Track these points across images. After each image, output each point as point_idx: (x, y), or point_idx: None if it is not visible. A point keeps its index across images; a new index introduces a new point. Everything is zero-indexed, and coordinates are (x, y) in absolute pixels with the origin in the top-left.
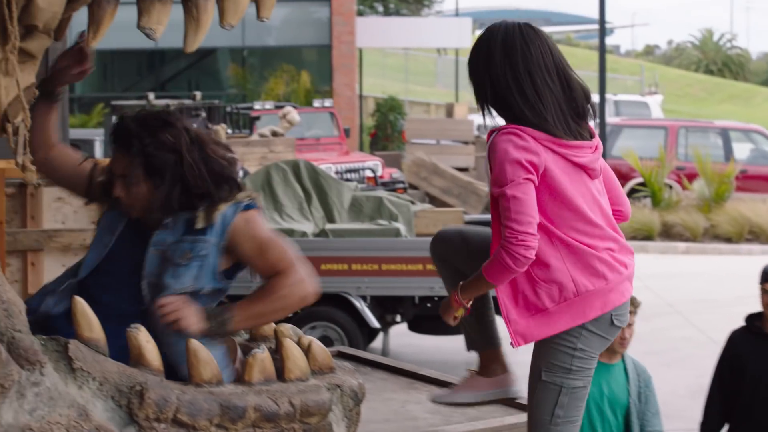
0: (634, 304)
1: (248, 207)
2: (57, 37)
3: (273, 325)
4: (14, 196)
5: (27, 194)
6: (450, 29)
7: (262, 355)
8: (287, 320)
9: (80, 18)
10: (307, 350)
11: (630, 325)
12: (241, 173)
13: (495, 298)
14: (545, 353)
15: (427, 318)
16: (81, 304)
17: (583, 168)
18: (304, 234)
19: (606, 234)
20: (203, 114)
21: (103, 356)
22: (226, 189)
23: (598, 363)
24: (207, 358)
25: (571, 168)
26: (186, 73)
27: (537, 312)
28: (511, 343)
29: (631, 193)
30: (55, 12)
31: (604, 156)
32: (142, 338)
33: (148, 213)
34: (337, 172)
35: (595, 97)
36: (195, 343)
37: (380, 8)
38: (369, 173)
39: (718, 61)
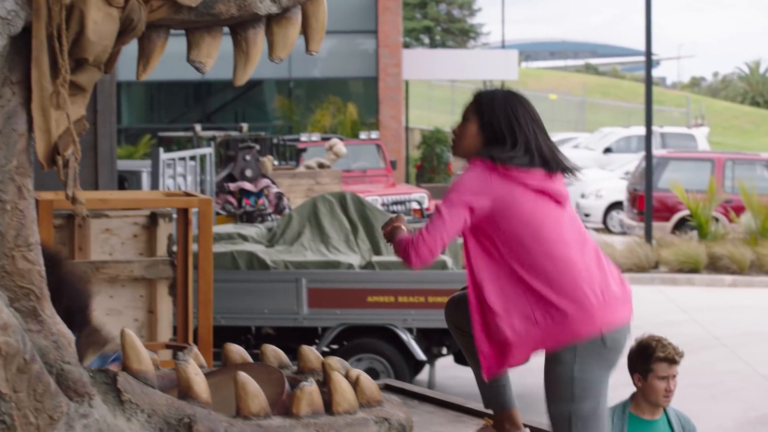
0: (678, 353)
1: (115, 360)
2: (107, 70)
3: (321, 357)
4: (62, 228)
5: (75, 226)
6: (496, 61)
7: (310, 388)
8: (334, 352)
9: (130, 50)
10: (355, 383)
11: (674, 376)
12: (287, 209)
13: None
14: (548, 387)
15: None
16: (130, 336)
17: (545, 193)
18: (350, 266)
19: (578, 255)
20: (256, 147)
21: (151, 388)
22: (79, 319)
23: (641, 421)
24: (255, 390)
25: (532, 194)
26: (232, 104)
27: (503, 344)
28: (483, 375)
29: (677, 225)
30: (105, 45)
31: (650, 188)
32: (191, 371)
33: None
34: (383, 204)
35: (642, 130)
36: (243, 376)
37: (426, 40)
38: (415, 205)
39: (764, 92)
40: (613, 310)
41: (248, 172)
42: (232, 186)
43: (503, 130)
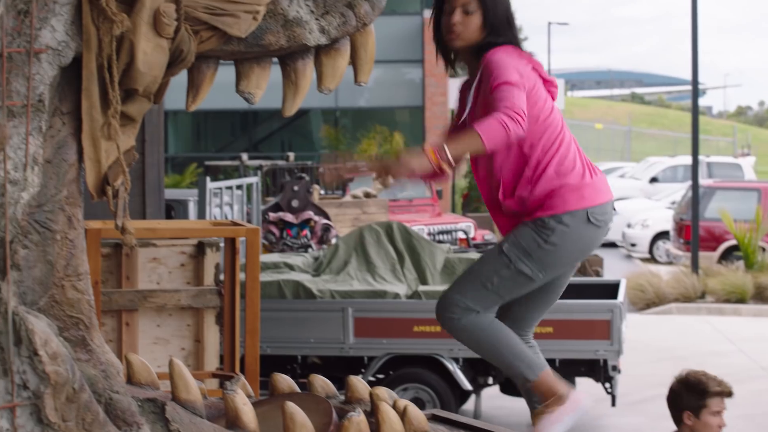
0: (729, 386)
1: None
2: (156, 101)
3: (368, 387)
4: (110, 257)
5: (122, 254)
6: None
7: (357, 418)
8: (379, 381)
9: (176, 78)
10: (402, 413)
11: (722, 411)
12: (334, 239)
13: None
14: (518, 232)
15: None
16: (178, 365)
17: (548, 83)
18: (396, 295)
19: (572, 142)
20: (306, 178)
21: (199, 418)
22: None
23: None
24: (303, 420)
25: (542, 82)
26: (279, 133)
27: (522, 201)
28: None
29: (724, 255)
30: (155, 76)
31: (696, 218)
32: (239, 400)
33: None
34: (429, 234)
35: (688, 159)
36: (291, 406)
37: None
38: (461, 235)
39: None
40: (596, 190)
41: (294, 203)
42: (272, 216)
43: (503, 26)
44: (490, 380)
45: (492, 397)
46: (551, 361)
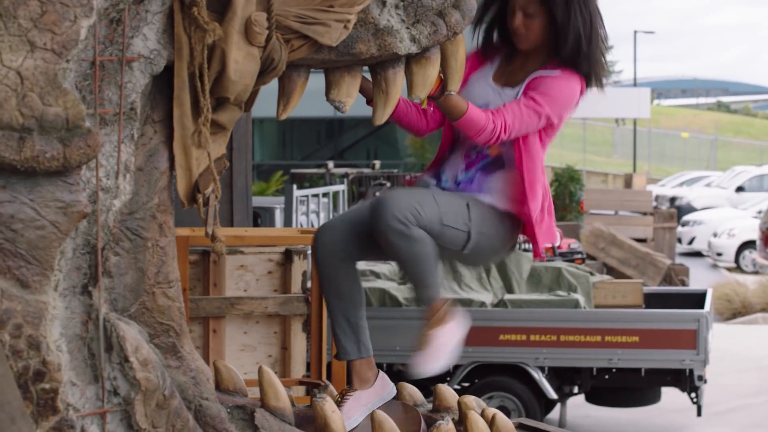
0: None
1: None
2: (246, 109)
3: (456, 396)
4: (197, 264)
5: (210, 262)
6: (629, 99)
7: (446, 427)
8: (465, 390)
9: (265, 86)
10: (491, 422)
11: None
12: None
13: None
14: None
15: (605, 390)
16: (268, 373)
17: None
18: (482, 304)
19: None
20: (387, 184)
21: (288, 425)
22: None
23: None
24: (392, 429)
25: None
26: (364, 141)
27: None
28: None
29: None
30: (246, 84)
31: None
32: (328, 408)
33: None
34: None
35: None
36: (380, 414)
37: None
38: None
39: None
40: None
41: None
42: None
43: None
44: (576, 389)
45: (577, 406)
46: (637, 370)
